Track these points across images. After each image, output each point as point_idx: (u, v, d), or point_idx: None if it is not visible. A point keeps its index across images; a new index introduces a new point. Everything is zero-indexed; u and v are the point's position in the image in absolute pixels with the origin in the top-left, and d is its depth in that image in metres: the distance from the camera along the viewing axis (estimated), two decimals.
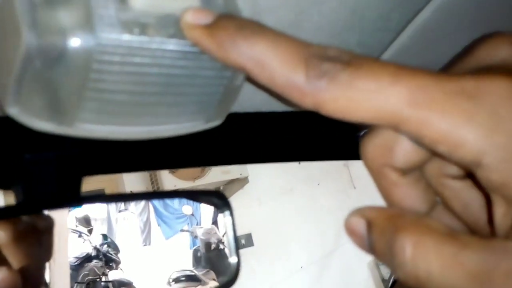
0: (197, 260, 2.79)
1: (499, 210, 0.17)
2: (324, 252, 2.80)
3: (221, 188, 2.74)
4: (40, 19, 0.21)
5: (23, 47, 0.20)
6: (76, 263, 2.53)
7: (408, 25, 0.35)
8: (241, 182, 2.66)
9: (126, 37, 0.21)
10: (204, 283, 2.74)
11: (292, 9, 0.30)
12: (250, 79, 0.23)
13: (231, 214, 0.41)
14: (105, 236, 2.62)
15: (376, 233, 0.19)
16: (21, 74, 0.21)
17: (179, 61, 0.23)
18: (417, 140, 0.18)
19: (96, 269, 2.63)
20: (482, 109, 0.17)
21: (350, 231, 0.20)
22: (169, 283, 2.78)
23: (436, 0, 0.33)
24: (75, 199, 0.32)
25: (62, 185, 0.33)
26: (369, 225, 0.19)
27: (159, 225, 2.70)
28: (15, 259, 0.36)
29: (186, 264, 2.73)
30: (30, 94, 0.22)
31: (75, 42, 0.21)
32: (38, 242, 0.40)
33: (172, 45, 0.23)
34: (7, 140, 0.28)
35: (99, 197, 0.43)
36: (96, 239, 2.54)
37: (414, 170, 0.22)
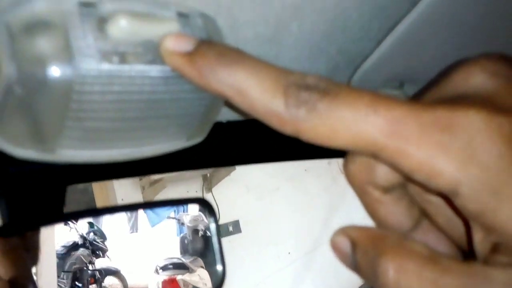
0: (184, 248, 2.79)
1: (477, 236, 0.18)
2: (313, 238, 2.82)
3: (208, 175, 2.74)
4: (19, 49, 0.21)
5: (3, 78, 0.20)
6: (62, 252, 2.52)
7: (389, 34, 0.36)
8: (228, 169, 2.66)
9: (105, 66, 0.21)
10: (192, 271, 2.75)
11: (271, 24, 0.30)
12: (228, 103, 0.24)
13: (216, 221, 0.41)
14: (91, 224, 2.60)
15: (359, 254, 0.19)
16: (2, 104, 0.21)
17: (160, 86, 0.24)
18: (395, 168, 0.19)
19: (83, 258, 2.62)
20: (457, 141, 0.17)
21: (336, 249, 0.20)
22: (156, 271, 2.79)
23: (414, 12, 0.34)
24: (61, 214, 0.33)
25: (47, 197, 0.33)
26: (353, 245, 0.20)
27: (145, 212, 2.69)
28: (4, 270, 0.37)
29: (174, 252, 2.73)
30: (11, 123, 0.22)
31: (54, 73, 0.21)
32: (25, 248, 0.40)
33: (152, 71, 0.23)
34: None
35: (85, 212, 0.43)
36: (83, 227, 2.52)
37: (397, 188, 0.22)
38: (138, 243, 2.78)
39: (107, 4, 0.22)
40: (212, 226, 0.42)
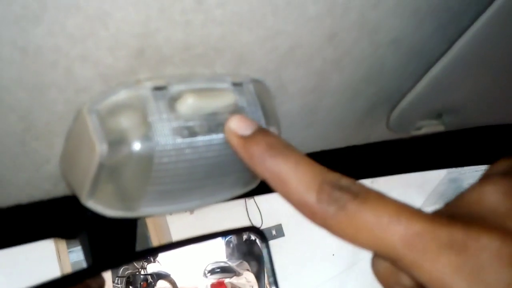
0: (230, 252, 2.87)
1: None
2: (389, 189, 2.77)
3: None
4: (108, 130, 0.25)
5: (97, 157, 0.25)
6: None
7: (426, 74, 0.38)
8: None
9: (179, 140, 0.25)
10: (239, 274, 2.84)
11: (313, 77, 0.34)
12: None
13: (267, 247, 0.45)
14: None
15: None
16: (95, 177, 0.25)
17: (222, 150, 0.27)
18: (411, 276, 0.21)
19: (135, 263, 2.74)
20: (469, 263, 0.19)
21: None
22: (205, 274, 2.88)
23: (449, 53, 0.36)
24: (136, 252, 0.37)
25: (121, 234, 0.38)
26: None
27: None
28: None
29: (220, 256, 2.81)
30: (102, 190, 0.26)
31: (137, 148, 0.25)
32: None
33: (215, 139, 0.27)
34: (71, 200, 0.33)
35: (151, 250, 0.47)
36: None
37: None
38: (186, 248, 2.87)
39: (175, 85, 0.26)
40: (265, 252, 0.45)
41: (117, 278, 2.47)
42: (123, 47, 0.23)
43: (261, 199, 2.71)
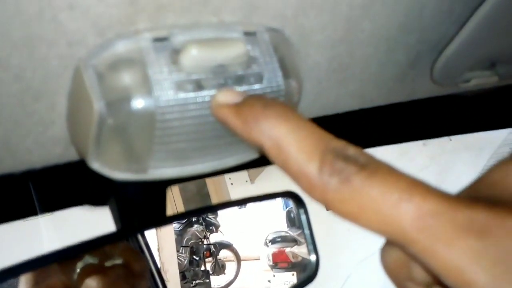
0: (291, 221, 2.88)
1: None
2: (444, 151, 2.60)
3: None
4: (106, 86, 0.23)
5: (95, 113, 0.23)
6: (179, 229, 2.76)
7: (473, 15, 0.34)
8: None
9: (182, 95, 0.24)
10: (300, 243, 2.84)
11: (340, 26, 0.30)
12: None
13: (306, 213, 0.42)
14: None
15: None
16: (97, 137, 0.24)
17: None
18: (422, 266, 0.18)
19: (197, 233, 2.84)
20: (492, 250, 0.16)
21: None
22: (266, 243, 2.93)
23: None
24: (163, 217, 0.37)
25: (150, 201, 0.37)
26: None
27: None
28: None
29: (281, 226, 2.84)
30: (107, 151, 0.25)
31: (137, 105, 0.23)
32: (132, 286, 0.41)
33: None
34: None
35: (181, 215, 0.47)
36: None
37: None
38: (247, 218, 2.93)
39: (178, 36, 0.24)
40: (303, 218, 0.43)
41: (181, 248, 2.57)
42: None
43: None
